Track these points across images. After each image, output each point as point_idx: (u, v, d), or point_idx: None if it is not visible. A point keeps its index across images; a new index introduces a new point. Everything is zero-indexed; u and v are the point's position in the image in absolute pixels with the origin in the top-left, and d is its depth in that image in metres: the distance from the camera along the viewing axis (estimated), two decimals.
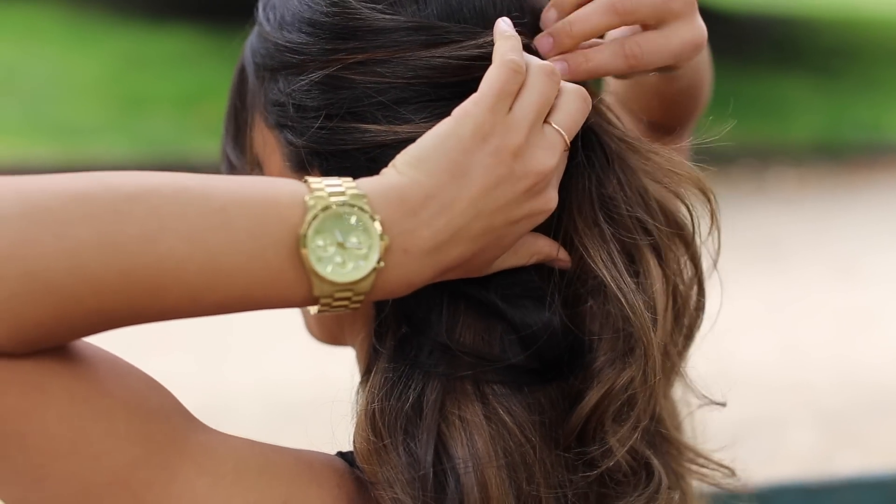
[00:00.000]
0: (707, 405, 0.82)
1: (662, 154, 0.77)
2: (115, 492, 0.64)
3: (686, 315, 0.79)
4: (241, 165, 0.87)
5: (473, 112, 0.68)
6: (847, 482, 1.88)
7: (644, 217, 0.76)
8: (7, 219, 0.59)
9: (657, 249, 0.76)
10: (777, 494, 1.74)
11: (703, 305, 0.81)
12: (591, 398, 0.74)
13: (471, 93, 0.70)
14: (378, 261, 0.64)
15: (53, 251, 0.59)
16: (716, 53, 1.04)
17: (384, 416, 0.72)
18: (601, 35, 0.78)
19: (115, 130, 6.56)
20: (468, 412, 0.73)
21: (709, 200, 0.79)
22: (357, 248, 0.64)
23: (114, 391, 0.64)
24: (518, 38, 0.73)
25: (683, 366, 0.82)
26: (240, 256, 0.62)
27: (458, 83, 0.73)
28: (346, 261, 0.64)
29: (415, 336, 0.75)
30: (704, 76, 1.02)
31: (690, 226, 0.78)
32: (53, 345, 0.62)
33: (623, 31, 0.78)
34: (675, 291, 0.77)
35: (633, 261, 0.76)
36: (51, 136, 6.37)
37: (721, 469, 0.83)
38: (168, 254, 0.61)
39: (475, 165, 0.67)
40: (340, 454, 0.74)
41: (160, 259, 0.61)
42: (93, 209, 0.60)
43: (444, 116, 0.69)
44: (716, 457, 0.84)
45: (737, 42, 8.38)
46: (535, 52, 0.76)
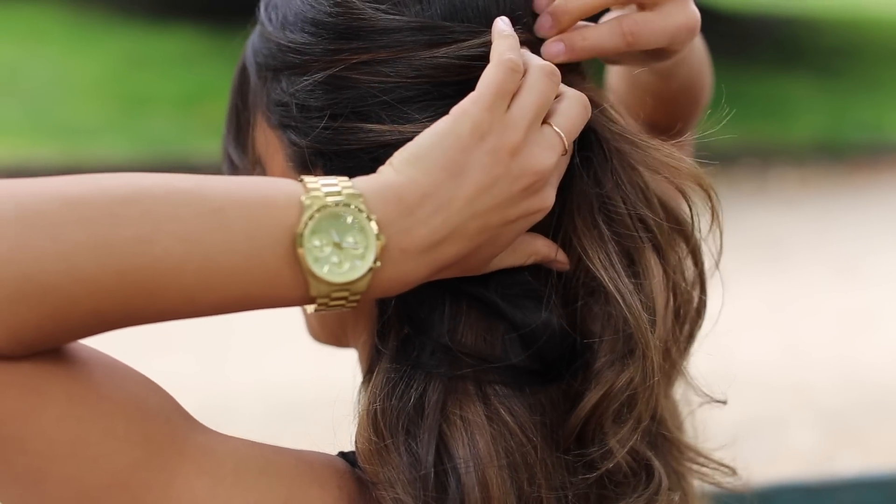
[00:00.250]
0: (708, 404, 0.82)
1: (663, 149, 0.77)
2: (115, 494, 0.64)
3: (687, 314, 0.79)
4: (244, 165, 0.87)
5: (471, 111, 0.68)
6: (848, 482, 1.88)
7: (644, 213, 0.75)
8: (2, 223, 0.59)
9: (658, 247, 0.76)
10: (778, 494, 1.73)
11: (705, 304, 0.81)
12: (590, 399, 0.74)
13: None
14: (374, 260, 0.64)
15: (49, 254, 0.59)
16: (717, 53, 1.04)
17: (386, 417, 0.72)
18: (599, 16, 0.79)
19: (117, 131, 6.56)
20: (470, 412, 0.73)
21: (710, 197, 0.78)
22: (353, 248, 0.64)
23: (112, 393, 0.64)
24: (516, 38, 0.72)
25: (685, 365, 0.82)
26: (236, 257, 0.62)
27: (462, 82, 0.73)
28: (343, 261, 0.64)
29: (417, 336, 0.75)
30: (703, 76, 1.01)
31: (691, 222, 0.78)
32: (51, 347, 0.62)
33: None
34: (676, 290, 0.77)
35: (633, 261, 0.75)
36: (52, 137, 6.37)
37: (722, 469, 0.83)
38: (164, 255, 0.61)
39: (473, 164, 0.67)
40: (342, 454, 0.74)
41: (156, 260, 0.61)
42: (87, 212, 0.60)
43: None
44: (717, 456, 0.84)
45: (739, 42, 8.37)
46: (537, 51, 0.76)
